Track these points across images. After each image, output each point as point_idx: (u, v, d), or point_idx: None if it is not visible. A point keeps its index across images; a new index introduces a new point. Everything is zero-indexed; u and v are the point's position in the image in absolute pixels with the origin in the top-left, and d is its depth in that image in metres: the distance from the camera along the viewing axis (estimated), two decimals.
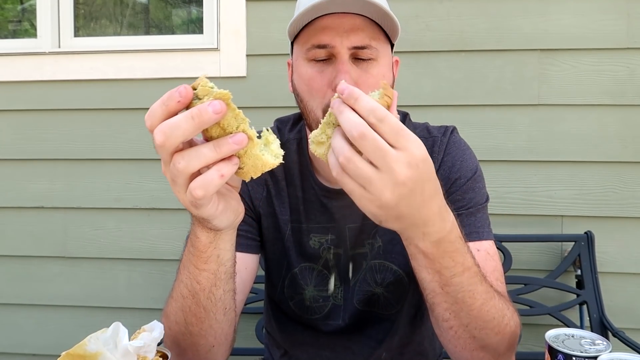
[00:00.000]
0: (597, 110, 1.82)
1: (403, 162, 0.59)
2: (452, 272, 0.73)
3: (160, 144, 0.58)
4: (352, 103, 0.60)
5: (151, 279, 2.01)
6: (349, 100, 0.60)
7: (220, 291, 0.80)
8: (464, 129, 1.66)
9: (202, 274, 0.77)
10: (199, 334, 0.83)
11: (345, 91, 0.60)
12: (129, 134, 2.00)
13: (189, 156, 0.59)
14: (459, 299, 0.76)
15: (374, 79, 0.92)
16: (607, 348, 0.70)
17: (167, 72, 1.96)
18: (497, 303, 0.80)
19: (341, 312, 1.09)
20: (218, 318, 0.83)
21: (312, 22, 0.91)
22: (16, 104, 2.05)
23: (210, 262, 0.76)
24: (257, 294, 1.77)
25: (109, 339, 0.63)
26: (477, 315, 0.78)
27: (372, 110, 0.59)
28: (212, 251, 0.75)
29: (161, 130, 0.58)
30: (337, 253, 1.07)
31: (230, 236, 0.75)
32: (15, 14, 2.34)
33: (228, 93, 0.58)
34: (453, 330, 0.81)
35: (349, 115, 0.60)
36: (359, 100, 0.60)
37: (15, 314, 2.08)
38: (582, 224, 1.81)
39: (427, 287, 0.77)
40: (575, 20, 1.80)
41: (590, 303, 1.71)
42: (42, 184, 2.04)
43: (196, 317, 0.81)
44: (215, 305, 0.81)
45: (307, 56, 0.93)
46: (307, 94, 0.94)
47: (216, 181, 0.60)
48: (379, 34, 0.92)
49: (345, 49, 0.89)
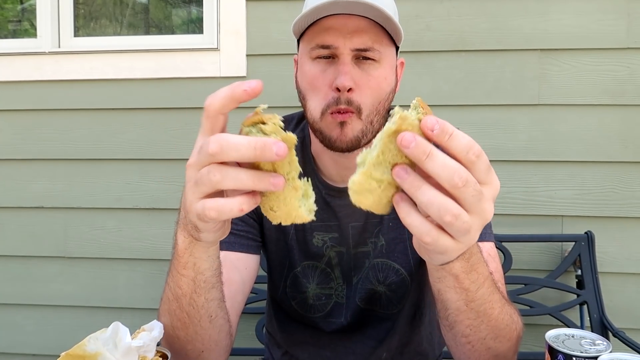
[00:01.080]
0: (597, 110, 1.81)
1: (491, 199, 0.55)
2: (477, 286, 0.70)
3: (211, 152, 0.54)
4: (445, 140, 0.51)
5: (151, 279, 2.01)
6: (442, 136, 0.51)
7: (202, 299, 0.77)
8: (464, 129, 1.66)
9: (182, 279, 0.75)
10: (185, 339, 0.82)
11: (436, 126, 0.51)
12: (129, 134, 2.00)
13: (226, 174, 0.55)
14: (481, 312, 0.74)
15: (375, 80, 0.93)
16: (607, 348, 0.70)
17: (167, 72, 1.96)
18: (508, 309, 0.80)
19: (343, 310, 1.09)
20: (203, 325, 0.81)
21: (317, 21, 0.92)
22: (16, 104, 2.05)
23: (187, 268, 0.74)
24: (258, 294, 1.77)
25: (108, 339, 0.63)
26: (494, 325, 0.77)
27: (471, 147, 0.52)
28: (187, 258, 0.72)
29: (219, 142, 0.54)
30: (340, 251, 1.07)
31: (206, 249, 0.72)
32: (15, 14, 2.34)
33: (294, 138, 0.56)
34: (471, 344, 0.80)
35: (445, 161, 0.51)
36: (454, 136, 0.51)
37: (15, 314, 2.08)
38: (582, 224, 1.81)
39: (451, 306, 0.74)
40: (575, 20, 1.80)
41: (591, 303, 1.71)
42: (42, 184, 2.04)
43: (181, 321, 0.80)
44: (198, 312, 0.79)
45: (310, 55, 0.94)
46: (308, 91, 0.96)
47: (234, 212, 0.56)
48: (382, 36, 0.93)
49: (348, 50, 0.90)
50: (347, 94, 0.90)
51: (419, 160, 0.51)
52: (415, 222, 0.54)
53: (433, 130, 0.51)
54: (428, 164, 0.51)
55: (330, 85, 0.91)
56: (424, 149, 0.50)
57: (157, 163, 2.00)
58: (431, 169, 0.51)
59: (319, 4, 0.87)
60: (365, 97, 0.92)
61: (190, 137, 2.07)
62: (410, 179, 0.53)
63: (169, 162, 1.99)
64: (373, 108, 0.94)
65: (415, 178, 0.53)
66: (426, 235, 0.54)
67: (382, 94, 0.95)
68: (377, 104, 0.94)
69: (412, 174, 0.53)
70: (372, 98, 0.93)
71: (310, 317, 1.10)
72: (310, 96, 0.95)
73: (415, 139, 0.50)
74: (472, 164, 0.52)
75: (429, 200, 0.52)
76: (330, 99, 0.91)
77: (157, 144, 1.99)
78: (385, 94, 0.96)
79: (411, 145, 0.50)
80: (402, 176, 0.53)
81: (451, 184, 0.51)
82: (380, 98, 0.94)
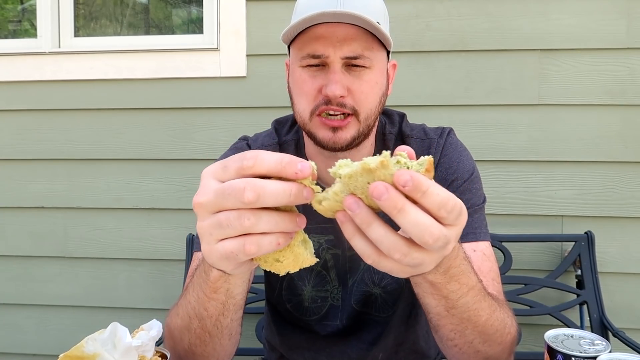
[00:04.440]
0: (597, 110, 1.81)
1: (456, 236, 0.54)
2: (458, 295, 0.70)
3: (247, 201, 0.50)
4: (418, 197, 0.49)
5: (151, 279, 2.01)
6: (414, 193, 0.49)
7: (228, 320, 0.77)
8: (464, 129, 1.66)
9: (211, 302, 0.74)
10: (202, 354, 0.82)
11: (409, 183, 0.48)
12: (129, 134, 2.00)
13: (260, 218, 0.52)
14: (465, 318, 0.74)
15: (367, 84, 0.94)
16: (606, 348, 0.70)
17: (167, 72, 1.96)
18: (500, 315, 0.80)
19: (339, 313, 1.09)
20: (223, 343, 0.81)
21: (307, 29, 0.93)
22: (16, 104, 2.05)
23: (219, 293, 0.72)
24: (257, 294, 1.77)
25: (107, 340, 0.63)
26: (482, 330, 0.77)
27: (444, 205, 0.50)
28: (222, 284, 0.70)
29: (256, 191, 0.50)
30: (336, 253, 1.07)
31: (243, 276, 0.70)
32: (15, 14, 2.34)
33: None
34: (458, 347, 0.80)
35: (417, 219, 0.50)
36: (428, 194, 0.49)
37: (15, 314, 2.08)
38: (582, 224, 1.81)
39: (432, 311, 0.75)
40: (575, 20, 1.80)
41: (591, 303, 1.71)
42: (42, 184, 2.04)
43: (200, 339, 0.80)
44: (222, 332, 0.79)
45: (301, 63, 0.95)
46: (297, 96, 0.97)
47: (272, 247, 0.54)
48: (372, 42, 0.93)
49: (338, 58, 0.91)
50: (339, 100, 0.91)
51: (389, 213, 0.49)
52: (359, 245, 0.54)
53: (405, 187, 0.49)
54: (398, 218, 0.50)
55: (319, 90, 0.92)
56: (395, 203, 0.49)
57: (157, 163, 2.00)
58: (401, 223, 0.50)
59: (306, 16, 0.88)
60: (359, 102, 0.93)
61: (191, 137, 2.09)
62: (361, 214, 0.51)
63: (169, 162, 1.99)
64: (370, 112, 0.95)
65: (366, 214, 0.51)
66: (367, 258, 0.54)
67: (375, 98, 0.96)
68: (374, 107, 0.96)
69: (363, 209, 0.51)
70: (366, 103, 0.94)
71: (305, 320, 1.10)
72: (299, 100, 0.96)
73: (388, 192, 0.48)
74: (443, 219, 0.51)
75: (378, 239, 0.51)
76: (319, 101, 0.92)
77: (157, 144, 1.99)
78: (378, 97, 0.97)
79: (382, 197, 0.48)
80: (353, 209, 0.51)
81: (422, 242, 0.51)
82: (374, 102, 0.96)
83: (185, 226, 1.94)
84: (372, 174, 0.49)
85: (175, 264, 1.97)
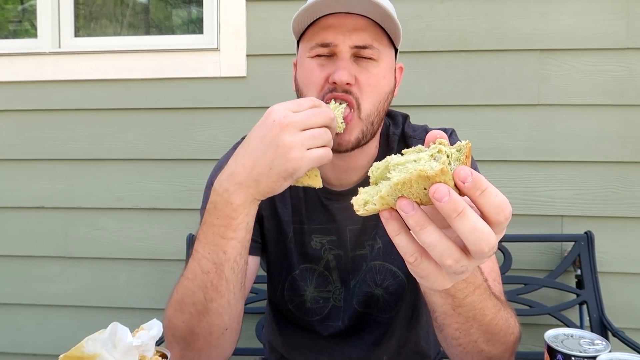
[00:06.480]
0: (597, 110, 1.81)
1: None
2: (464, 293, 0.71)
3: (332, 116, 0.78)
4: (477, 196, 0.49)
5: (151, 279, 2.01)
6: (472, 191, 0.49)
7: (242, 261, 0.83)
8: (464, 129, 1.66)
9: (230, 243, 0.80)
10: (217, 311, 0.84)
11: (469, 179, 0.48)
12: (129, 134, 2.00)
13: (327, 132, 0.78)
14: (470, 317, 0.75)
15: (375, 77, 0.93)
16: (606, 348, 0.70)
17: (167, 72, 1.96)
18: (504, 314, 0.81)
19: (341, 314, 1.09)
20: (236, 293, 0.85)
21: (317, 20, 0.93)
22: (16, 104, 2.05)
23: (240, 229, 0.79)
24: (258, 294, 1.77)
25: (107, 340, 0.62)
26: (487, 329, 0.78)
27: (503, 209, 0.49)
28: (243, 217, 0.79)
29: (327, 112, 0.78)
30: (338, 254, 1.07)
31: (257, 205, 0.80)
32: (16, 14, 2.34)
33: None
34: (462, 346, 0.81)
35: (476, 225, 0.49)
36: (486, 193, 0.49)
37: (15, 314, 2.08)
38: (582, 224, 1.81)
39: (439, 309, 0.75)
40: (575, 20, 1.80)
41: (590, 303, 1.71)
42: (42, 184, 2.04)
43: (217, 291, 0.82)
44: (237, 277, 0.83)
45: (310, 54, 0.95)
46: (305, 85, 0.96)
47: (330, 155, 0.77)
48: (381, 36, 0.94)
49: (347, 47, 0.91)
50: (346, 87, 0.91)
51: (448, 216, 0.48)
52: (402, 244, 0.53)
53: (464, 183, 0.48)
54: (457, 222, 0.48)
55: (326, 79, 0.92)
56: (456, 207, 0.48)
57: (157, 163, 2.00)
58: (459, 228, 0.49)
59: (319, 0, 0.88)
60: (365, 94, 0.92)
61: (191, 137, 2.09)
62: (416, 216, 0.50)
63: (169, 162, 1.99)
64: (374, 109, 0.94)
65: (421, 216, 0.50)
66: (409, 256, 0.54)
67: (381, 93, 0.95)
68: (378, 104, 0.94)
69: (418, 212, 0.50)
70: (371, 96, 0.93)
71: (307, 321, 1.10)
72: (307, 89, 0.96)
73: (450, 194, 0.48)
74: (498, 225, 0.50)
75: (432, 243, 0.50)
76: (326, 90, 0.92)
77: (157, 144, 1.99)
78: (384, 94, 0.96)
79: (444, 199, 0.48)
80: (407, 211, 0.50)
81: (477, 248, 0.49)
82: (380, 97, 0.95)
83: (185, 226, 1.94)
84: (429, 180, 0.49)
85: (175, 264, 1.97)
